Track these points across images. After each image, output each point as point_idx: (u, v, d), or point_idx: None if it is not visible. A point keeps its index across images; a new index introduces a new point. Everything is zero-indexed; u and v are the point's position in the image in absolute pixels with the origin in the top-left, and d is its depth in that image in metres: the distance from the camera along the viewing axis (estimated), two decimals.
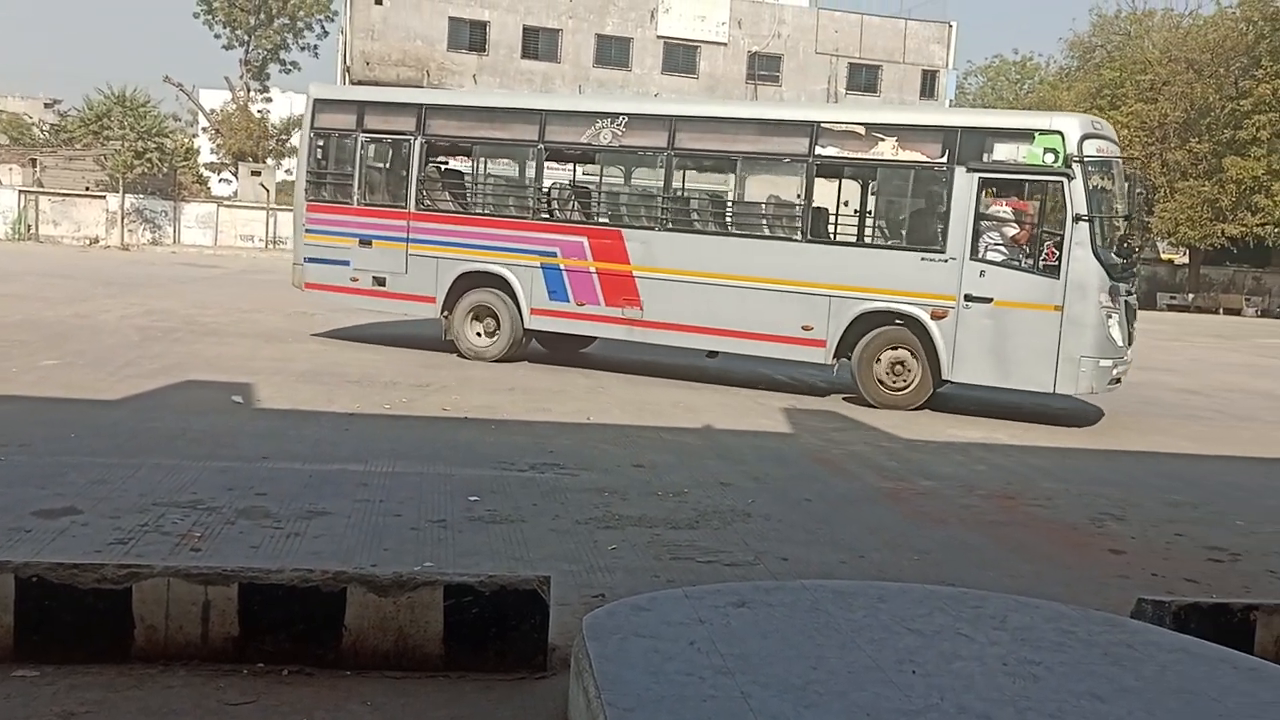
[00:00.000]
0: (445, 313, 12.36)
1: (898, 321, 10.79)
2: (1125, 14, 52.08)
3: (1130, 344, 10.87)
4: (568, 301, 11.89)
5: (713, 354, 12.22)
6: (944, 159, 10.63)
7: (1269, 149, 38.57)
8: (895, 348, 10.85)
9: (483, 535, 5.53)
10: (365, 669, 3.71)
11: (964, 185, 10.44)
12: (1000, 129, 10.89)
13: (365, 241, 12.57)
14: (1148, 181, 29.84)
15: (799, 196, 11.34)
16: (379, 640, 3.73)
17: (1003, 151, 10.48)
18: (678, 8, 44.68)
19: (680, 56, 45.21)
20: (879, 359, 10.86)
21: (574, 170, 13.88)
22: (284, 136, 53.59)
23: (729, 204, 12.33)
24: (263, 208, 41.95)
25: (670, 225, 11.76)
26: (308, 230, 12.92)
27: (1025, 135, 10.37)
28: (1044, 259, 10.27)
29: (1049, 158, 10.16)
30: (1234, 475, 8.88)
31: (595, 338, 12.74)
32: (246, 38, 53.70)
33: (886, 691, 2.65)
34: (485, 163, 13.44)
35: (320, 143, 13.16)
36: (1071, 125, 10.36)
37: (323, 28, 55.29)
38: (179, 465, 6.54)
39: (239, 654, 3.69)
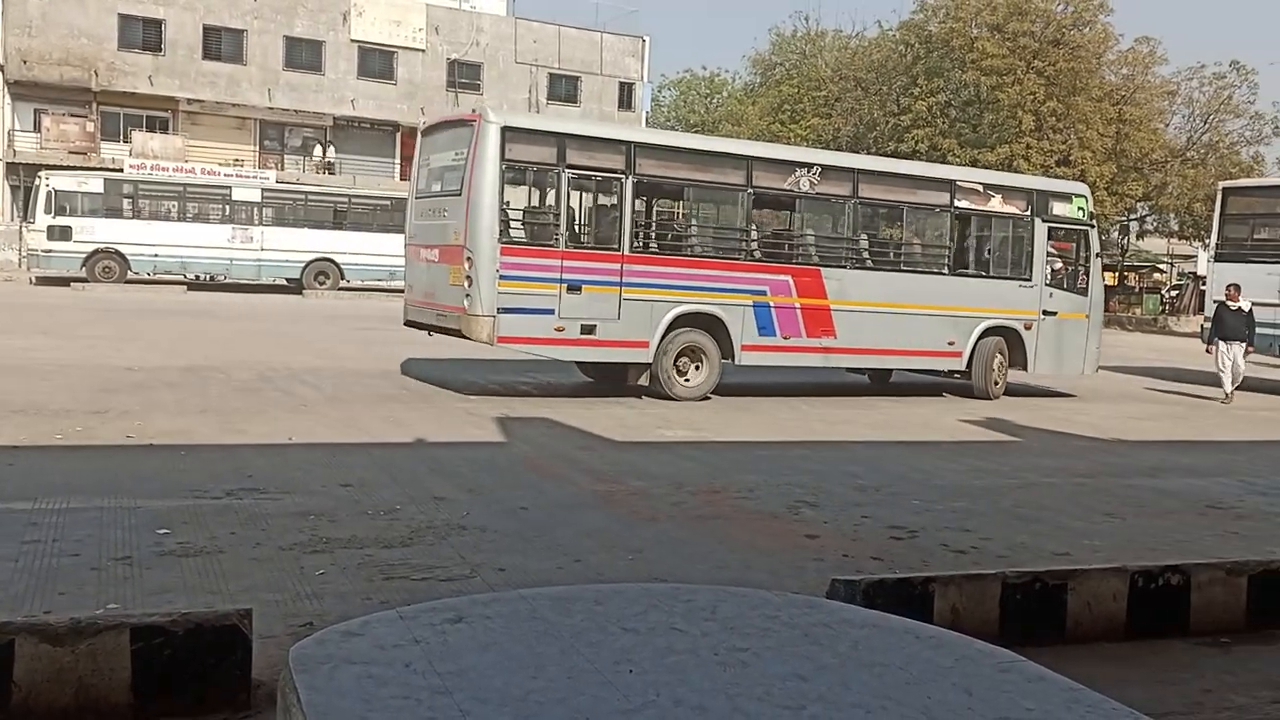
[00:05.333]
0: (652, 358, 12.23)
1: (997, 333, 14.14)
2: (800, 34, 56.03)
3: None
4: (774, 336, 12.84)
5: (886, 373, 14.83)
6: (1029, 212, 14.49)
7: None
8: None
9: (175, 570, 5.14)
10: None
11: (1041, 231, 14.50)
12: (1058, 192, 15.38)
13: (574, 288, 11.71)
14: None
15: (946, 238, 14.43)
16: (56, 695, 3.37)
17: (1059, 208, 14.80)
18: (371, 12, 43.58)
19: (377, 62, 44.14)
20: (991, 363, 14.22)
21: (743, 210, 13.49)
22: None
23: (899, 244, 14.54)
24: None
25: (857, 263, 13.55)
26: (503, 277, 11.40)
27: (1068, 197, 15.11)
28: (1079, 283, 14.86)
29: (1080, 213, 14.94)
30: (910, 460, 9.70)
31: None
32: None
33: (605, 693, 2.67)
34: (695, 204, 14.05)
35: (512, 177, 11.87)
36: (1088, 190, 15.75)
37: None
38: None
39: None
